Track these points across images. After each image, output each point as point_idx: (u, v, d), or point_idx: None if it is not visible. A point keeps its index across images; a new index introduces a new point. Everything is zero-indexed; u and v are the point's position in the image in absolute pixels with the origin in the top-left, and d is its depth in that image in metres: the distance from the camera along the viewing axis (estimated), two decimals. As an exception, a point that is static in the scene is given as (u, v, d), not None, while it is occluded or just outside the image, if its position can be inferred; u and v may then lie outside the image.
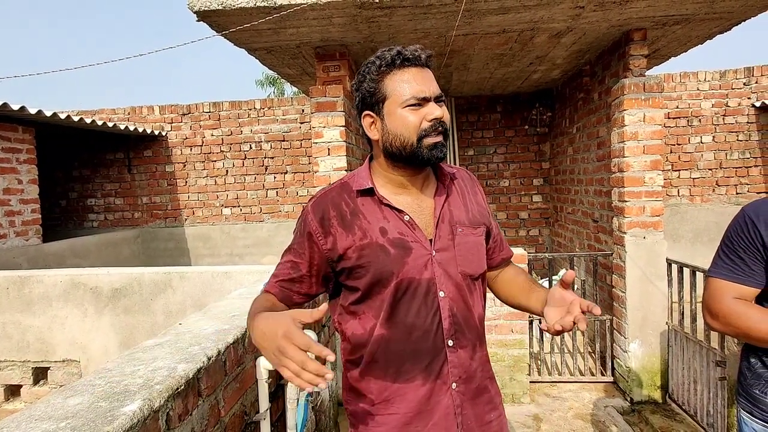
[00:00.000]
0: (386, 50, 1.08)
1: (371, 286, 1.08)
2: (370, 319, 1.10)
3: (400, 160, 1.09)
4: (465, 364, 1.12)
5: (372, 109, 1.10)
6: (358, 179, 1.14)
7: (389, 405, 1.09)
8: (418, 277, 1.07)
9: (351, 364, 1.14)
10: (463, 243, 1.13)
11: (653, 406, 3.23)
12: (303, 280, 1.12)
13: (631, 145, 3.19)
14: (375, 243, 1.07)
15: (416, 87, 1.04)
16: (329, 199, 1.13)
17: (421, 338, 1.08)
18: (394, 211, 1.10)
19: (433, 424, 1.09)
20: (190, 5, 2.68)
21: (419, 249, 1.08)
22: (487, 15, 2.92)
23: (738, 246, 1.28)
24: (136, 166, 6.27)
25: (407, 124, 1.05)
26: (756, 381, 1.31)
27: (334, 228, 1.09)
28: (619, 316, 3.43)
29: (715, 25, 3.26)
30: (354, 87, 1.13)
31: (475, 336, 1.14)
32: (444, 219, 1.13)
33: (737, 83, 5.49)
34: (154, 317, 2.56)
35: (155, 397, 0.98)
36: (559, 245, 5.44)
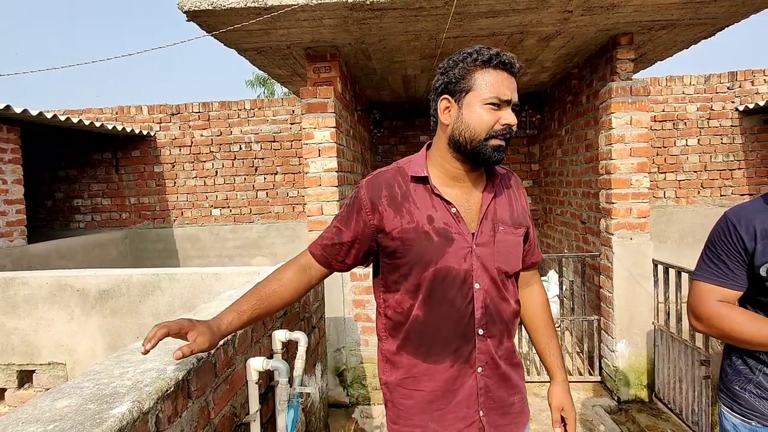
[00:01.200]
0: (485, 48, 1.12)
1: (411, 269, 1.15)
2: (407, 300, 1.18)
3: (462, 152, 1.14)
4: (491, 352, 1.19)
5: (452, 95, 1.13)
6: (414, 166, 1.20)
7: (417, 382, 1.18)
8: (457, 267, 1.14)
9: (386, 339, 1.24)
10: (502, 240, 1.19)
11: (640, 404, 3.28)
12: (343, 248, 1.20)
13: (618, 148, 3.24)
14: (421, 229, 1.14)
15: (501, 89, 1.09)
16: (384, 179, 1.20)
17: (453, 324, 1.16)
18: (444, 201, 1.16)
19: (456, 403, 1.17)
20: (180, 5, 2.67)
21: (461, 241, 1.15)
22: (477, 18, 2.94)
23: (720, 250, 1.31)
24: (124, 166, 6.20)
25: (482, 120, 1.10)
26: (736, 377, 1.35)
27: (383, 206, 1.16)
28: (606, 317, 3.47)
29: (700, 30, 3.32)
30: (441, 70, 1.17)
31: (504, 328, 1.21)
32: (488, 216, 1.19)
33: (721, 87, 5.59)
34: (143, 319, 2.54)
35: (144, 399, 0.98)
36: (548, 246, 5.49)
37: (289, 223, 6.07)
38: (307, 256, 1.25)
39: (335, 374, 3.38)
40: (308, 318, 2.32)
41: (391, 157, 5.87)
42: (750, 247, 1.26)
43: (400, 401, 1.20)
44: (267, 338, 1.72)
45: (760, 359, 1.29)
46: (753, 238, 1.26)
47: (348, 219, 1.20)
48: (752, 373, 1.30)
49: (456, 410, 1.18)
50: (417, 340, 1.18)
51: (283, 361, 1.56)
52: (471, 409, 1.18)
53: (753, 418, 1.30)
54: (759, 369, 1.29)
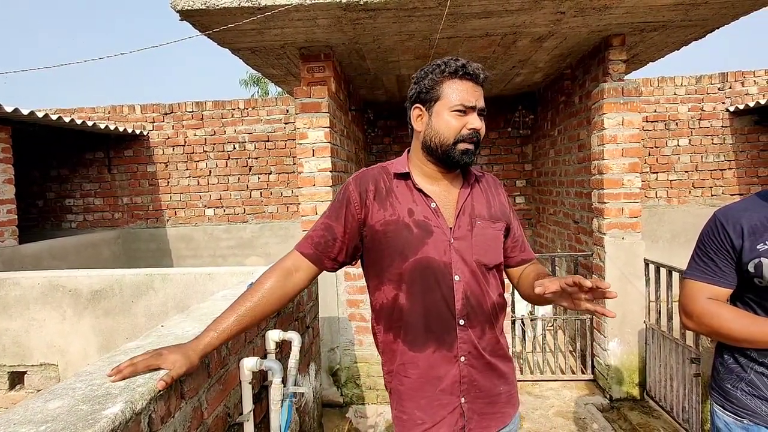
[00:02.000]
0: (453, 59, 1.21)
1: (392, 260, 1.21)
2: (392, 290, 1.24)
3: (434, 156, 1.23)
4: (473, 342, 1.23)
5: (423, 104, 1.23)
6: (397, 165, 1.29)
7: (406, 369, 1.24)
8: (438, 258, 1.20)
9: (380, 331, 1.29)
10: (480, 234, 1.25)
11: (632, 402, 3.31)
12: (335, 244, 1.24)
13: (610, 148, 3.26)
14: (401, 221, 1.21)
15: (466, 96, 1.18)
16: (370, 175, 1.28)
17: (434, 314, 1.21)
18: (423, 196, 1.24)
19: (440, 390, 1.22)
20: (173, 4, 2.66)
21: (440, 234, 1.21)
22: (471, 19, 2.95)
23: (710, 248, 1.34)
24: (117, 165, 6.16)
25: (449, 127, 1.19)
26: (728, 376, 1.36)
27: (369, 201, 1.24)
28: (598, 316, 3.50)
29: (691, 32, 3.36)
30: (414, 80, 1.26)
31: (486, 320, 1.25)
32: (465, 211, 1.25)
33: (712, 88, 5.65)
34: (136, 319, 2.53)
35: (137, 399, 0.98)
36: (541, 246, 5.52)
37: (283, 222, 6.06)
38: (295, 257, 1.26)
39: (329, 374, 3.39)
40: (302, 318, 2.32)
41: (385, 157, 5.88)
42: (738, 244, 1.28)
43: (397, 387, 1.27)
44: (260, 338, 1.72)
45: (751, 357, 1.31)
46: (740, 236, 1.28)
47: (338, 213, 1.25)
48: (744, 372, 1.32)
49: (440, 398, 1.23)
50: (405, 329, 1.23)
51: (276, 361, 1.56)
52: (453, 395, 1.22)
53: (745, 417, 1.31)
54: (750, 367, 1.31)
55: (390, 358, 1.29)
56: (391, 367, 1.29)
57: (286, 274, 1.23)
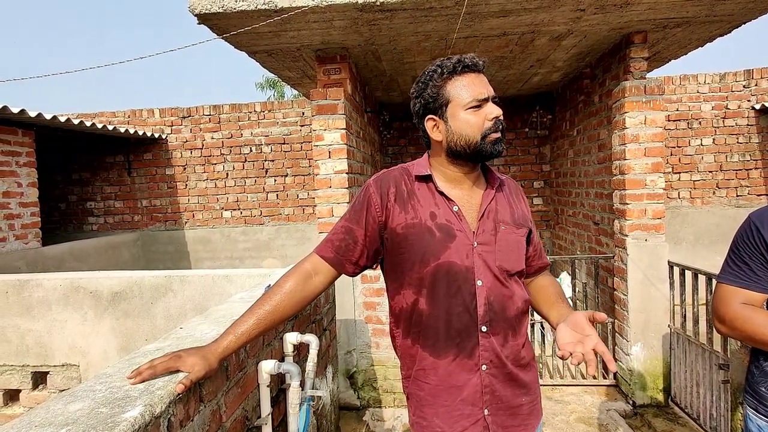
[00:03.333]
0: (446, 59, 1.18)
1: (413, 263, 1.18)
2: (412, 294, 1.20)
3: (463, 157, 1.19)
4: (496, 350, 1.19)
5: (435, 113, 1.19)
6: (418, 167, 1.25)
7: (426, 374, 1.21)
8: (459, 263, 1.16)
9: (399, 335, 1.27)
10: (504, 239, 1.21)
11: (656, 409, 3.22)
12: (357, 246, 1.22)
13: (632, 148, 3.19)
14: (423, 224, 1.18)
15: (476, 89, 1.15)
16: (392, 177, 1.24)
17: (456, 319, 1.17)
18: (446, 199, 1.20)
19: (461, 400, 1.18)
20: (191, 8, 2.68)
21: (463, 238, 1.17)
22: (488, 18, 2.92)
23: (744, 252, 1.29)
24: (136, 169, 6.26)
25: (472, 125, 1.15)
26: (763, 379, 1.32)
27: (390, 203, 1.20)
28: (620, 319, 3.42)
29: (716, 27, 3.26)
30: (414, 94, 1.23)
31: (509, 326, 1.21)
32: (489, 215, 1.22)
33: (737, 86, 5.49)
34: (155, 321, 2.55)
35: (156, 402, 0.97)
36: (559, 248, 5.43)
37: (299, 225, 6.08)
38: (314, 260, 1.24)
39: (346, 377, 3.37)
40: (319, 320, 2.31)
41: (401, 159, 5.85)
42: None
43: (415, 392, 1.24)
44: (278, 341, 1.71)
45: None
46: None
47: (359, 216, 1.22)
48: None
49: (461, 408, 1.18)
50: (425, 334, 1.20)
51: (294, 364, 1.55)
52: (476, 407, 1.18)
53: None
54: None
55: (408, 362, 1.26)
56: (409, 371, 1.26)
57: (306, 278, 1.22)
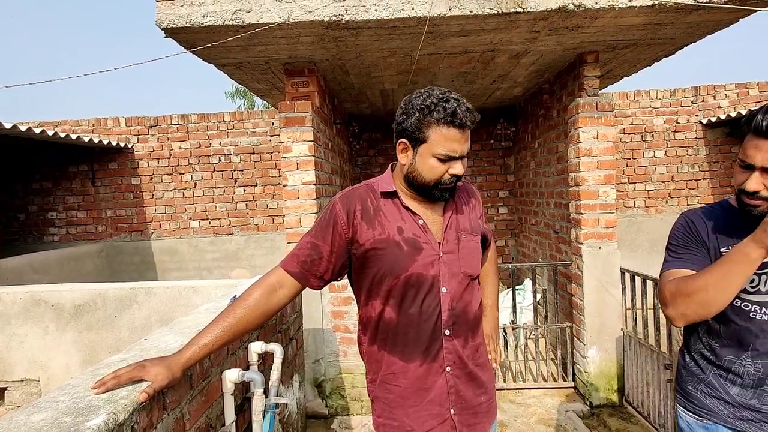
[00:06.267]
0: (443, 102, 1.18)
1: (383, 276, 1.25)
2: (380, 304, 1.28)
3: (415, 188, 1.28)
4: (458, 351, 1.29)
5: (409, 141, 1.24)
6: (383, 183, 1.32)
7: (395, 378, 1.29)
8: (426, 273, 1.25)
9: (366, 341, 1.35)
10: (466, 247, 1.32)
11: (611, 409, 3.38)
12: (321, 262, 1.27)
13: (585, 161, 3.37)
14: (391, 239, 1.25)
15: (452, 146, 1.20)
16: (357, 194, 1.31)
17: (422, 326, 1.26)
18: (411, 214, 1.29)
19: (429, 401, 1.28)
20: (158, 22, 2.71)
21: (429, 249, 1.26)
22: (450, 37, 3.05)
23: (681, 242, 1.36)
24: (101, 178, 6.14)
25: (432, 171, 1.22)
26: (690, 378, 1.43)
27: (357, 220, 1.26)
28: (578, 324, 3.58)
29: (660, 49, 3.50)
30: (400, 112, 1.26)
31: (469, 329, 1.32)
32: (452, 226, 1.32)
33: (686, 101, 5.85)
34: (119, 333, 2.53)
35: (120, 411, 1.01)
36: (524, 255, 5.62)
37: (269, 234, 6.08)
38: (279, 274, 1.28)
39: (314, 385, 3.40)
40: (285, 330, 2.36)
41: (370, 169, 5.94)
42: (706, 241, 1.31)
43: (383, 395, 1.31)
44: (243, 350, 1.75)
45: (709, 360, 1.38)
46: (707, 236, 1.31)
47: (325, 233, 1.27)
48: (704, 374, 1.39)
49: (429, 408, 1.28)
50: (392, 341, 1.28)
51: (258, 373, 1.60)
52: (443, 407, 1.28)
53: (704, 416, 1.38)
54: (710, 370, 1.38)
55: (375, 367, 1.33)
56: (375, 376, 1.33)
57: (271, 291, 1.26)
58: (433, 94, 1.21)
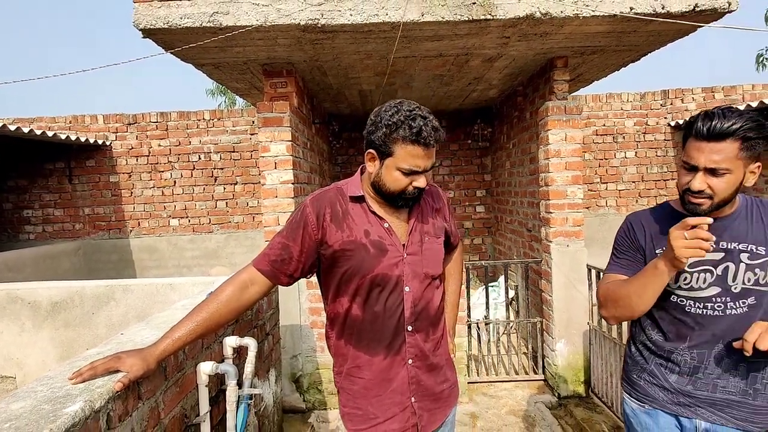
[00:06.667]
0: (410, 120, 1.24)
1: (350, 276, 1.34)
2: (347, 302, 1.37)
3: (380, 195, 1.36)
4: (420, 345, 1.39)
5: (377, 152, 1.31)
6: (352, 187, 1.40)
7: (360, 370, 1.38)
8: (390, 273, 1.34)
9: (333, 336, 1.44)
10: (429, 249, 1.41)
11: (578, 399, 3.53)
12: (291, 262, 1.34)
13: (554, 162, 3.51)
14: (359, 241, 1.33)
15: (416, 162, 1.27)
16: (327, 198, 1.38)
17: (386, 322, 1.36)
18: (378, 218, 1.37)
19: (391, 391, 1.38)
20: (136, 23, 2.74)
21: (394, 251, 1.35)
22: (424, 41, 3.14)
23: (622, 245, 1.51)
24: (78, 176, 6.08)
25: (396, 183, 1.30)
26: (634, 367, 1.56)
27: (326, 222, 1.34)
28: (547, 318, 3.72)
29: (626, 55, 3.66)
30: (369, 123, 1.32)
31: (430, 323, 1.42)
32: (416, 229, 1.40)
33: (655, 104, 6.06)
34: (96, 330, 2.57)
35: (96, 398, 1.08)
36: (500, 253, 5.77)
37: (249, 232, 6.11)
38: (251, 272, 1.35)
39: (292, 380, 3.48)
40: (262, 325, 2.42)
41: (350, 167, 6.02)
42: (642, 245, 1.45)
43: (348, 386, 1.40)
44: (218, 344, 1.82)
45: (652, 350, 1.50)
46: (644, 238, 1.45)
47: (295, 234, 1.35)
48: (646, 363, 1.51)
49: (392, 396, 1.38)
50: (358, 336, 1.38)
51: (232, 365, 1.67)
52: (404, 396, 1.38)
53: (646, 402, 1.50)
54: (652, 359, 1.50)
55: (341, 360, 1.43)
56: (341, 368, 1.43)
57: (243, 288, 1.33)
58: (402, 110, 1.25)
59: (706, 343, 1.39)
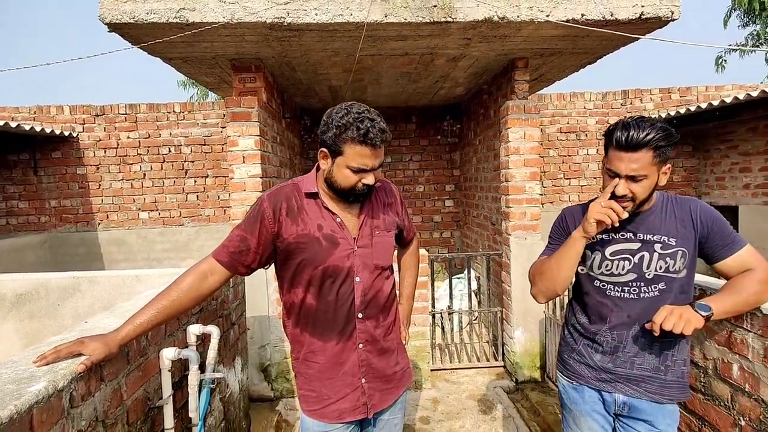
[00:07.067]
0: (359, 122, 1.31)
1: (304, 267, 1.43)
2: (302, 292, 1.46)
3: (333, 191, 1.45)
4: (370, 331, 1.50)
5: (329, 151, 1.39)
6: (307, 183, 1.48)
7: (314, 355, 1.49)
8: (342, 265, 1.43)
9: (290, 324, 1.55)
10: (379, 242, 1.51)
11: (534, 384, 3.73)
12: (249, 253, 1.44)
13: (514, 159, 3.67)
14: (312, 235, 1.42)
15: (364, 161, 1.36)
16: (283, 193, 1.47)
17: (338, 310, 1.46)
18: (330, 213, 1.46)
19: (343, 373, 1.49)
20: (101, 17, 2.76)
21: (345, 244, 1.44)
22: (388, 41, 3.25)
23: (554, 235, 1.69)
24: (44, 167, 5.98)
25: (347, 180, 1.39)
26: (566, 348, 1.72)
27: (282, 216, 1.43)
28: (507, 308, 3.91)
29: (583, 57, 3.84)
30: (323, 123, 1.40)
31: (380, 311, 1.53)
32: (366, 223, 1.50)
33: (616, 103, 6.32)
34: (62, 321, 2.60)
35: (59, 379, 1.16)
36: (467, 246, 5.95)
37: (221, 225, 6.12)
38: (211, 262, 1.45)
39: (260, 370, 3.56)
40: (227, 315, 2.51)
41: (322, 162, 6.07)
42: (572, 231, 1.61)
43: (304, 371, 1.51)
44: (182, 332, 1.90)
45: (580, 332, 1.67)
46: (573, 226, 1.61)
47: (253, 227, 1.44)
48: (576, 344, 1.68)
49: (343, 378, 1.50)
50: (312, 324, 1.48)
51: (194, 351, 1.75)
52: (355, 377, 1.50)
53: (574, 379, 1.67)
54: (580, 340, 1.67)
55: (297, 347, 1.54)
56: (298, 354, 1.54)
57: (202, 277, 1.43)
58: (351, 112, 1.33)
59: (624, 324, 1.55)
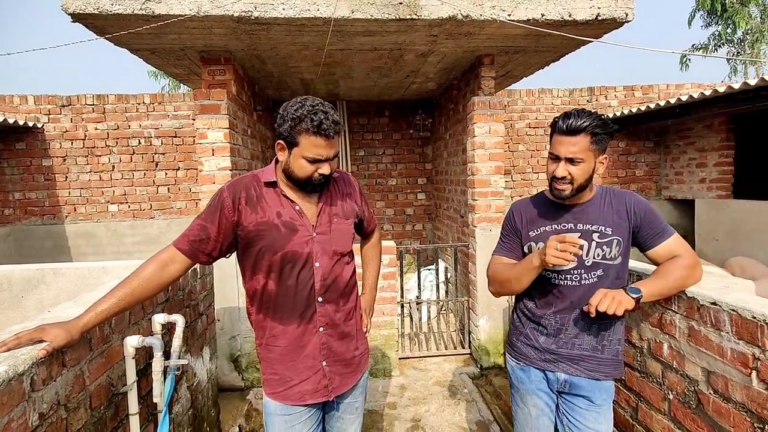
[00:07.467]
0: (313, 114, 1.37)
1: (264, 254, 1.48)
2: (263, 278, 1.51)
3: (291, 181, 1.50)
4: (330, 315, 1.56)
5: (285, 143, 1.44)
6: (266, 174, 1.53)
7: (276, 339, 1.54)
8: (301, 251, 1.49)
9: (253, 311, 1.59)
10: (337, 229, 1.57)
11: (497, 370, 3.88)
12: (209, 242, 1.48)
13: (479, 153, 3.78)
14: (271, 222, 1.47)
15: (318, 151, 1.42)
16: (242, 183, 1.52)
17: (299, 295, 1.51)
18: (289, 201, 1.51)
19: (305, 356, 1.55)
20: (64, 7, 2.73)
21: (304, 231, 1.49)
22: (356, 36, 3.30)
23: (504, 230, 1.81)
24: (7, 159, 5.82)
25: (303, 170, 1.45)
26: (515, 331, 1.84)
27: (242, 206, 1.48)
28: (473, 297, 4.04)
29: (547, 55, 3.97)
30: (279, 116, 1.44)
31: (339, 295, 1.59)
32: (324, 211, 1.56)
33: (582, 100, 6.51)
34: (26, 313, 2.59)
35: (20, 363, 1.19)
36: (438, 238, 6.07)
37: (192, 218, 6.08)
38: (172, 251, 1.49)
39: (231, 360, 3.61)
40: (195, 305, 2.54)
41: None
42: (519, 229, 1.74)
43: (266, 355, 1.57)
44: (147, 321, 1.93)
45: (527, 317, 1.78)
46: (521, 223, 1.74)
47: (213, 217, 1.49)
48: (523, 327, 1.79)
49: (305, 361, 1.56)
50: (274, 309, 1.54)
51: (158, 338, 1.80)
52: (316, 360, 1.57)
53: (522, 360, 1.78)
54: (527, 324, 1.78)
55: (261, 333, 1.60)
56: (261, 340, 1.60)
57: (163, 266, 1.47)
58: (305, 105, 1.39)
59: (567, 309, 1.67)
